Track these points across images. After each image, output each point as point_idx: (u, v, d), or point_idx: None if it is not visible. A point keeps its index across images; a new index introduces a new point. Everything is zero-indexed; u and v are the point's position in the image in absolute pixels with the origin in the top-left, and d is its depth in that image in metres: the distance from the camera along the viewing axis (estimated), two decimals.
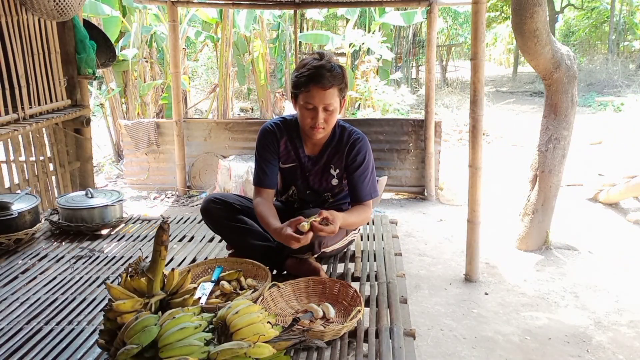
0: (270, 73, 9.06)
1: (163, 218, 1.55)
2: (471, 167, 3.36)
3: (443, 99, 10.95)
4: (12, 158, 3.42)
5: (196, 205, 5.18)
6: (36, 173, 3.62)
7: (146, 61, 7.22)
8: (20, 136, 3.42)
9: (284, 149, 2.16)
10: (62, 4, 3.13)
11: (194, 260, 2.31)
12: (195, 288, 1.67)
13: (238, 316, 1.42)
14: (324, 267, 2.15)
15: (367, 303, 1.84)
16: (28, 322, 1.75)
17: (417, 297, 3.21)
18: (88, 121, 3.85)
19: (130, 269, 1.59)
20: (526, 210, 3.94)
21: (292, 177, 2.22)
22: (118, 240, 2.59)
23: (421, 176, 5.27)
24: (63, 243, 2.54)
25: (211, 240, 2.57)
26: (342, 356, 1.53)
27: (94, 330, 1.69)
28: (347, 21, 8.80)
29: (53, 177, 3.78)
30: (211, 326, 1.44)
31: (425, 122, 5.14)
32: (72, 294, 1.97)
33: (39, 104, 3.41)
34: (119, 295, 1.52)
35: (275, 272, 2.12)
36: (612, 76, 13.19)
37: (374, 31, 8.47)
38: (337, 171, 2.15)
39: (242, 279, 1.97)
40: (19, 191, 3.13)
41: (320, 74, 1.91)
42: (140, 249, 2.44)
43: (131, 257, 2.34)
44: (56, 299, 1.93)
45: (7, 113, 3.14)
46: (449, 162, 6.06)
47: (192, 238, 2.62)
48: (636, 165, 5.59)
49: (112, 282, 1.56)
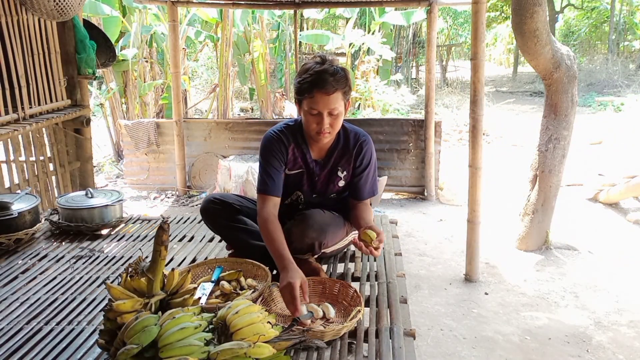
0: (270, 73, 9.06)
1: (163, 218, 1.55)
2: (471, 167, 3.36)
3: (443, 99, 10.95)
4: (12, 158, 3.42)
5: (196, 205, 5.18)
6: (36, 173, 3.62)
7: (146, 61, 7.22)
8: (20, 136, 3.42)
9: (292, 155, 2.12)
10: (62, 4, 3.13)
11: (194, 260, 2.31)
12: (195, 288, 1.67)
13: (238, 316, 1.42)
14: (324, 267, 2.15)
15: (367, 303, 1.84)
16: (28, 322, 1.75)
17: (417, 297, 3.21)
18: (88, 121, 3.86)
19: (130, 269, 1.59)
20: (526, 210, 3.94)
21: (298, 183, 2.18)
22: (118, 240, 2.59)
23: (421, 176, 5.27)
24: (63, 243, 2.54)
25: (211, 240, 2.57)
26: (342, 356, 1.53)
27: (94, 330, 1.69)
28: (347, 21, 8.80)
29: (53, 177, 3.78)
30: (211, 326, 1.44)
31: (425, 122, 5.14)
32: (72, 294, 1.97)
33: (39, 104, 3.41)
34: (119, 295, 1.52)
35: (275, 272, 2.11)
36: (612, 76, 13.19)
37: (374, 31, 8.47)
38: (345, 173, 2.14)
39: (242, 279, 1.97)
40: (19, 191, 3.13)
41: (323, 79, 1.88)
42: (140, 249, 2.44)
43: (131, 257, 2.34)
44: (56, 299, 1.93)
45: (7, 113, 3.14)
46: (449, 162, 6.06)
47: (192, 238, 2.62)
48: (636, 165, 5.59)
49: (112, 282, 1.56)
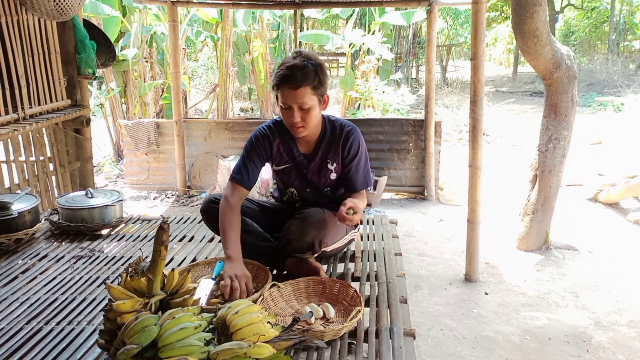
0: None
1: (163, 218, 1.55)
2: (471, 167, 3.36)
3: (443, 99, 10.95)
4: (12, 158, 3.42)
5: (196, 205, 5.18)
6: (36, 173, 3.62)
7: (146, 61, 7.22)
8: (20, 136, 3.42)
9: (277, 151, 2.17)
10: (62, 4, 3.13)
11: (194, 260, 2.31)
12: (195, 288, 1.67)
13: (238, 316, 1.42)
14: (324, 267, 2.15)
15: (367, 303, 1.84)
16: (28, 322, 1.75)
17: (417, 297, 3.21)
18: (88, 121, 3.86)
19: (130, 269, 1.59)
20: (526, 210, 3.94)
21: (289, 179, 2.22)
22: (118, 240, 2.59)
23: (421, 176, 5.27)
24: (63, 243, 2.54)
25: (211, 240, 2.57)
26: (342, 356, 1.53)
27: (94, 330, 1.69)
28: (347, 21, 8.80)
29: (53, 177, 3.78)
30: (211, 326, 1.44)
31: (425, 122, 5.14)
32: (72, 294, 1.97)
33: (39, 104, 3.42)
34: (119, 295, 1.52)
35: (275, 272, 2.12)
36: (612, 76, 13.18)
37: (374, 31, 8.46)
38: (335, 165, 2.16)
39: None
40: (19, 191, 3.13)
41: (290, 74, 1.93)
42: (140, 249, 2.44)
43: (131, 257, 2.34)
44: (56, 299, 1.93)
45: (7, 113, 3.14)
46: (449, 162, 6.06)
47: (192, 238, 2.62)
48: (636, 165, 5.59)
49: (112, 282, 1.56)
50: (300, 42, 7.94)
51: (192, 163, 5.55)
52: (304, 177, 2.19)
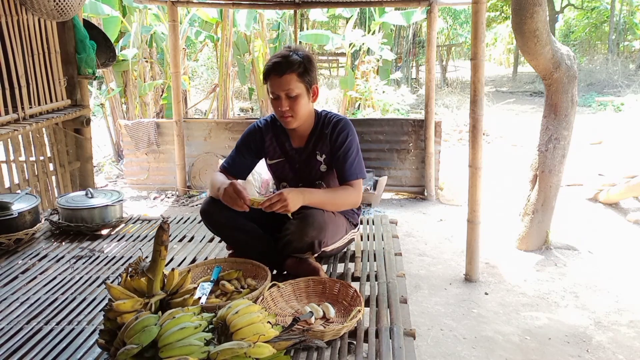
0: None
1: (163, 218, 1.55)
2: (471, 167, 3.36)
3: (443, 99, 10.95)
4: (12, 158, 3.42)
5: (196, 205, 5.18)
6: (36, 173, 3.62)
7: (146, 61, 7.22)
8: (20, 136, 3.42)
9: (270, 145, 2.21)
10: (62, 4, 3.13)
11: (194, 260, 2.31)
12: (195, 288, 1.67)
13: (238, 316, 1.42)
14: (324, 267, 2.15)
15: (367, 303, 1.84)
16: (28, 322, 1.75)
17: (417, 297, 3.21)
18: (88, 121, 3.86)
19: (130, 269, 1.59)
20: (526, 210, 3.94)
21: (282, 173, 2.24)
22: (118, 240, 2.59)
23: (421, 176, 5.27)
24: (63, 243, 2.54)
25: (211, 240, 2.57)
26: (342, 356, 1.53)
27: (94, 330, 1.69)
28: (347, 21, 8.80)
29: (53, 177, 3.78)
30: (211, 326, 1.44)
31: (425, 122, 5.14)
32: (72, 294, 1.97)
33: (39, 104, 3.41)
34: (119, 295, 1.52)
35: (275, 272, 2.12)
36: (612, 76, 13.19)
37: (374, 31, 8.46)
38: (324, 157, 2.16)
39: (242, 279, 1.97)
40: (19, 191, 3.13)
41: (276, 62, 2.00)
42: (140, 249, 2.44)
43: (131, 257, 2.34)
44: (56, 299, 1.92)
45: (7, 113, 3.14)
46: (449, 162, 6.05)
47: (192, 238, 2.62)
48: (636, 165, 5.59)
49: (112, 282, 1.56)
50: (300, 42, 7.94)
51: (192, 163, 5.55)
52: (296, 171, 2.21)
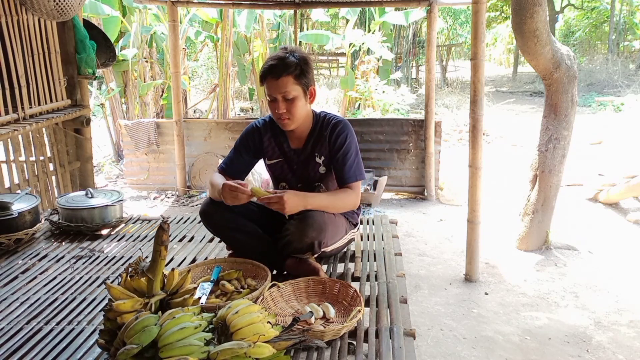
0: None
1: (163, 218, 1.55)
2: (471, 167, 3.36)
3: (443, 99, 10.95)
4: (12, 158, 3.42)
5: (196, 205, 5.18)
6: (36, 173, 3.62)
7: (146, 61, 7.22)
8: (20, 136, 3.42)
9: (268, 145, 2.22)
10: (62, 4, 3.13)
11: (194, 260, 2.31)
12: (195, 288, 1.68)
13: (238, 316, 1.42)
14: (324, 267, 2.15)
15: (367, 303, 1.84)
16: (28, 322, 1.75)
17: (417, 297, 3.21)
18: (88, 121, 3.86)
19: (130, 269, 1.59)
20: (526, 210, 3.94)
21: (281, 173, 2.24)
22: (118, 240, 2.59)
23: (421, 176, 5.27)
24: (63, 243, 2.54)
25: (211, 240, 2.57)
26: (342, 356, 1.53)
27: (94, 330, 1.69)
28: (347, 21, 8.80)
29: (53, 177, 3.78)
30: (211, 326, 1.44)
31: (425, 122, 5.14)
32: (72, 294, 1.97)
33: (39, 104, 3.41)
34: (119, 295, 1.52)
35: (275, 272, 2.12)
36: (612, 76, 13.19)
37: (374, 31, 8.46)
38: (323, 158, 2.16)
39: (242, 279, 1.97)
40: (19, 191, 3.13)
41: (273, 65, 1.99)
42: (140, 249, 2.44)
43: (131, 257, 2.34)
44: (56, 299, 1.93)
45: (7, 113, 3.14)
46: (449, 162, 6.06)
47: (192, 238, 2.62)
48: (636, 165, 5.59)
49: (112, 282, 1.56)
50: (300, 42, 7.94)
51: (192, 163, 5.55)
52: (295, 172, 2.21)
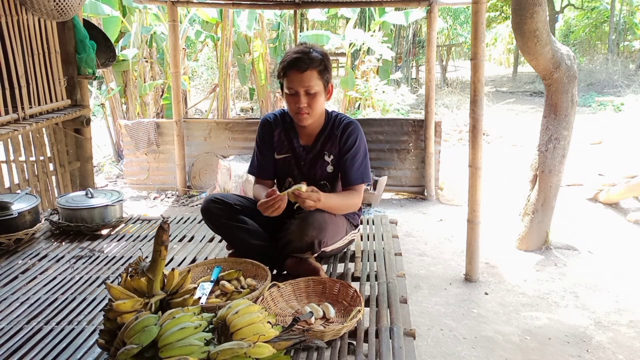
0: (270, 73, 9.04)
1: (163, 218, 1.55)
2: (471, 167, 3.36)
3: (443, 99, 10.95)
4: (12, 158, 3.42)
5: (196, 205, 5.18)
6: (36, 173, 3.62)
7: (146, 61, 7.22)
8: (20, 136, 3.42)
9: (278, 139, 2.22)
10: (62, 4, 3.13)
11: (194, 260, 2.31)
12: (195, 288, 1.67)
13: (238, 316, 1.42)
14: (324, 267, 2.15)
15: (367, 303, 1.84)
16: (28, 322, 1.75)
17: (417, 297, 3.21)
18: (88, 121, 3.85)
19: (130, 269, 1.59)
20: (526, 210, 3.94)
21: (288, 168, 2.24)
22: (118, 240, 2.59)
23: (421, 176, 5.27)
24: (63, 243, 2.54)
25: (211, 240, 2.57)
26: (342, 356, 1.53)
27: (94, 330, 1.69)
28: (347, 21, 8.80)
29: (53, 177, 3.78)
30: (211, 326, 1.44)
31: (425, 122, 5.14)
32: (72, 294, 1.97)
33: (39, 104, 3.41)
34: (119, 295, 1.52)
35: (275, 272, 2.12)
36: (612, 76, 13.19)
37: (374, 31, 8.46)
38: (332, 157, 2.17)
39: (242, 279, 1.97)
40: (19, 191, 3.13)
41: (297, 58, 1.99)
42: (140, 249, 2.44)
43: (131, 257, 2.34)
44: (56, 299, 1.93)
45: (7, 113, 3.14)
46: (449, 162, 6.06)
47: (192, 238, 2.62)
48: (636, 165, 5.59)
49: (112, 282, 1.56)
50: (299, 42, 7.93)
51: (192, 163, 5.55)
52: (302, 169, 2.21)
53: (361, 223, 2.59)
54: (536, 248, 3.90)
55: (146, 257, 1.60)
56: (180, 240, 2.60)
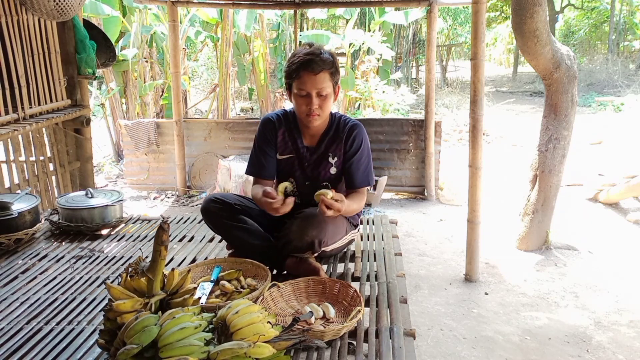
0: (270, 73, 9.05)
1: (163, 218, 1.55)
2: (471, 167, 3.36)
3: (443, 99, 10.95)
4: (12, 158, 3.42)
5: (196, 205, 5.18)
6: (36, 173, 3.62)
7: (146, 61, 7.22)
8: (20, 136, 3.42)
9: (282, 140, 2.19)
10: (62, 4, 3.13)
11: (194, 260, 2.31)
12: (195, 288, 1.67)
13: (238, 316, 1.42)
14: (324, 267, 2.15)
15: (367, 303, 1.84)
16: (28, 322, 1.75)
17: (417, 297, 3.21)
18: (88, 121, 3.85)
19: (130, 269, 1.59)
20: (526, 210, 3.94)
21: (290, 169, 2.22)
22: (118, 240, 2.59)
23: (421, 176, 5.27)
24: (63, 243, 2.54)
25: (211, 240, 2.57)
26: (342, 356, 1.53)
27: (94, 330, 1.69)
28: (347, 21, 8.80)
29: (53, 177, 3.78)
30: (211, 326, 1.44)
31: (425, 122, 5.14)
32: (72, 294, 1.97)
33: (39, 104, 3.41)
34: (119, 295, 1.52)
35: (275, 272, 2.12)
36: (612, 76, 13.19)
37: (374, 31, 8.46)
38: (336, 159, 2.16)
39: (242, 279, 1.97)
40: (19, 191, 3.13)
41: (310, 60, 1.96)
42: (140, 249, 2.44)
43: (131, 257, 2.34)
44: (56, 299, 1.93)
45: (7, 113, 3.14)
46: (449, 162, 6.05)
47: (192, 238, 2.62)
48: (636, 165, 5.59)
49: (112, 282, 1.56)
50: (300, 42, 7.94)
51: (192, 163, 5.55)
52: (305, 170, 2.20)
53: (361, 223, 2.59)
54: (536, 248, 3.90)
55: (146, 257, 1.60)
56: (180, 240, 2.60)
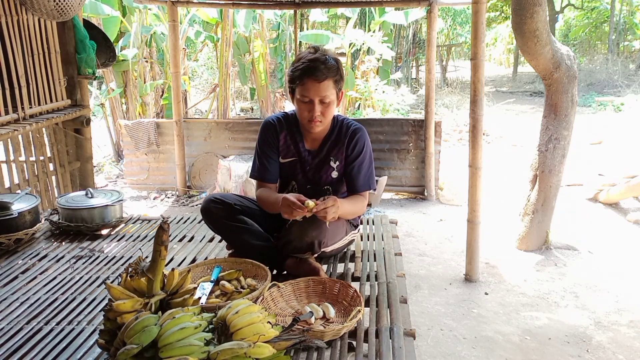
0: (270, 73, 9.06)
1: (163, 218, 1.55)
2: (471, 167, 3.36)
3: (443, 99, 10.95)
4: (12, 158, 3.42)
5: (196, 205, 5.18)
6: (36, 173, 3.62)
7: (146, 61, 7.22)
8: (20, 136, 3.42)
9: (283, 143, 2.19)
10: (62, 4, 3.13)
11: (194, 260, 2.31)
12: (195, 288, 1.67)
13: (238, 316, 1.42)
14: (324, 267, 2.15)
15: (367, 303, 1.84)
16: (28, 322, 1.75)
17: (417, 297, 3.21)
18: (88, 121, 3.86)
19: (130, 269, 1.59)
20: (526, 210, 3.94)
21: (292, 172, 2.22)
22: (118, 240, 2.59)
23: (421, 176, 5.27)
24: (63, 243, 2.54)
25: (211, 240, 2.57)
26: (342, 356, 1.53)
27: (94, 330, 1.69)
28: (347, 21, 8.80)
29: (53, 177, 3.78)
30: (211, 326, 1.44)
31: (425, 122, 5.14)
32: (72, 294, 1.97)
33: (39, 104, 3.41)
34: (119, 295, 1.52)
35: (275, 272, 2.12)
36: (612, 76, 13.19)
37: (374, 30, 8.46)
38: (337, 163, 2.16)
39: (242, 279, 1.97)
40: (19, 191, 3.13)
41: (314, 67, 1.93)
42: (140, 249, 2.44)
43: (131, 257, 2.34)
44: (56, 299, 1.93)
45: (7, 113, 3.14)
46: (449, 162, 6.06)
47: (192, 238, 2.62)
48: (636, 165, 5.59)
49: (112, 282, 1.56)
50: (300, 42, 7.94)
51: (192, 163, 5.55)
52: (307, 173, 2.20)
53: (361, 223, 2.59)
54: (536, 248, 3.90)
55: (146, 257, 1.60)
56: (180, 240, 2.60)
